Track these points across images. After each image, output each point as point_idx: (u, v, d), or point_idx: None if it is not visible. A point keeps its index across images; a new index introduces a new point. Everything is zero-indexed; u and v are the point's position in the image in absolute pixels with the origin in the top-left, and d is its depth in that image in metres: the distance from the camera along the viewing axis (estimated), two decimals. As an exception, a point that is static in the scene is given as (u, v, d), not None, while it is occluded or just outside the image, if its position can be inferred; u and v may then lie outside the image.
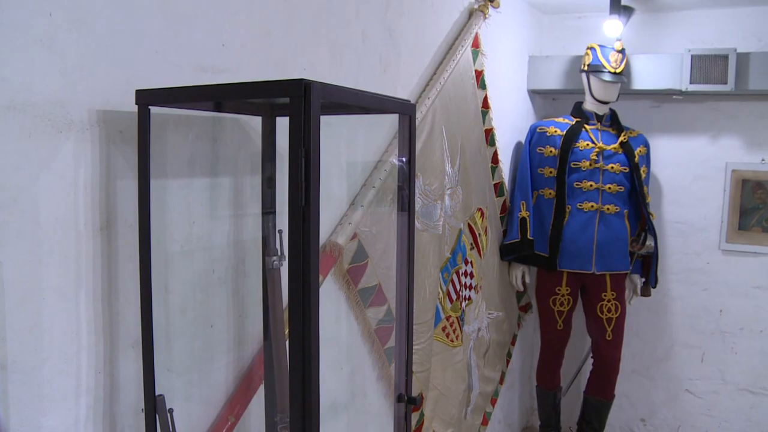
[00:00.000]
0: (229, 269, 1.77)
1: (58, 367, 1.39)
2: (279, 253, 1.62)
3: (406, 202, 1.64)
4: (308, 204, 1.10)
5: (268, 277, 1.60)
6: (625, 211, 3.59)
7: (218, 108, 1.63)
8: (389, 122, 2.38)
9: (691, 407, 4.04)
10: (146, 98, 1.36)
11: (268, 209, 1.68)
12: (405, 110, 1.59)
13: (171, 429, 1.41)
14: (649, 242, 3.64)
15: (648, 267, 3.74)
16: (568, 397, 4.05)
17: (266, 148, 1.68)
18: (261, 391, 1.79)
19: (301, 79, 1.13)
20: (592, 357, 3.80)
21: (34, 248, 1.32)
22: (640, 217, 3.67)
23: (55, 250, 1.36)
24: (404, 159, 1.64)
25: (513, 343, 3.87)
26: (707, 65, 3.52)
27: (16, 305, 1.29)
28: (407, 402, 1.50)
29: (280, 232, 1.63)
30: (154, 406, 1.39)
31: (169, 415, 1.40)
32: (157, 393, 1.42)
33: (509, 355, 3.83)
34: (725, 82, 3.48)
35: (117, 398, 1.52)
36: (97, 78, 1.39)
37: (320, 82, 1.17)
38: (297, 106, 1.12)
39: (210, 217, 1.71)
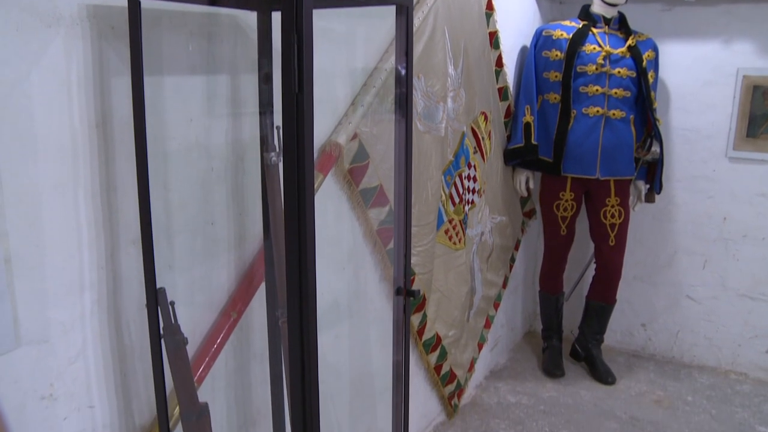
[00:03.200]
0: (228, 167, 1.77)
1: (61, 262, 1.41)
2: (277, 150, 1.61)
3: (404, 99, 1.61)
4: (302, 91, 1.08)
5: (267, 173, 1.60)
6: (631, 116, 3.55)
7: (212, 2, 1.59)
8: (390, 23, 2.32)
9: (691, 312, 4.09)
10: (136, -9, 1.33)
11: (266, 106, 1.66)
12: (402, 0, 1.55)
13: (173, 321, 1.43)
14: (655, 148, 3.61)
15: (653, 173, 3.72)
16: (570, 302, 4.11)
17: (262, 43, 1.65)
18: (262, 288, 1.82)
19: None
20: (594, 262, 3.84)
21: (29, 145, 1.32)
22: (646, 122, 3.63)
23: (51, 147, 1.36)
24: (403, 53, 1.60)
25: (516, 249, 3.90)
26: (721, -36, 3.41)
27: (14, 202, 1.30)
28: (406, 295, 1.51)
29: (278, 128, 1.62)
30: (155, 298, 1.41)
31: (170, 307, 1.43)
32: (158, 287, 1.44)
33: (512, 260, 3.86)
34: (740, -18, 3.38)
35: (120, 293, 1.55)
36: (84, -31, 1.36)
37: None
38: (289, -8, 1.09)
39: (207, 115, 1.70)
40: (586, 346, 3.97)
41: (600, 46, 3.48)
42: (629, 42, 3.52)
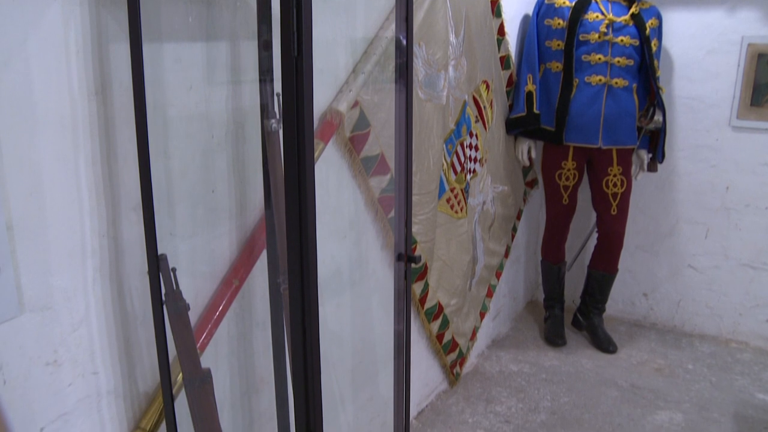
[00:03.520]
0: (229, 134, 1.76)
1: (62, 229, 1.41)
2: (278, 116, 1.60)
3: (404, 67, 1.60)
4: (301, 54, 1.08)
5: (268, 140, 1.59)
6: (634, 85, 3.53)
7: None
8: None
9: (693, 282, 4.10)
10: (133, -46, 1.32)
11: (266, 73, 1.65)
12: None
13: (174, 287, 1.44)
14: (658, 117, 3.59)
15: (655, 142, 3.71)
16: (572, 271, 4.12)
17: (261, 10, 1.64)
18: (264, 256, 1.82)
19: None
20: (596, 232, 3.84)
21: (29, 113, 1.31)
22: (649, 91, 3.60)
23: (50, 115, 1.35)
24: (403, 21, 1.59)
25: (518, 218, 3.90)
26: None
27: (14, 170, 1.30)
28: (407, 260, 1.51)
29: (278, 95, 1.61)
30: (156, 264, 1.41)
31: (172, 273, 1.43)
32: (159, 253, 1.45)
33: (515, 229, 3.87)
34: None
35: (123, 261, 1.55)
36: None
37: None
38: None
39: (207, 82, 1.69)
40: (588, 315, 3.98)
41: (603, 13, 3.45)
42: (632, 10, 3.48)
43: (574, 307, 4.18)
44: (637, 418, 3.16)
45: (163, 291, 1.45)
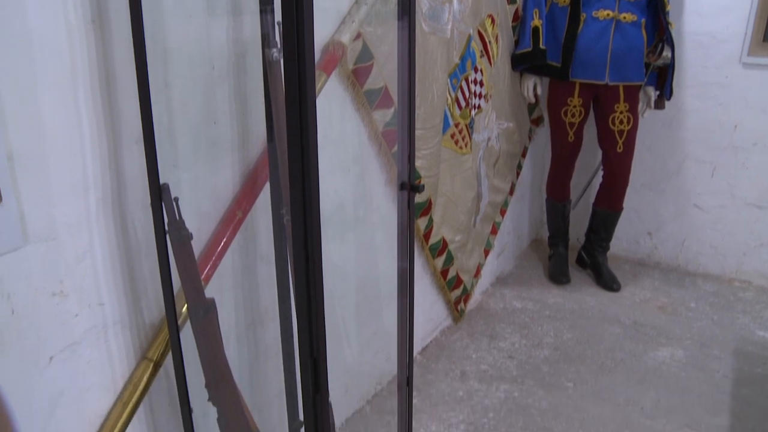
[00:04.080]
0: (230, 65, 1.74)
1: (64, 160, 1.40)
2: (279, 46, 1.58)
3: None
4: (300, -21, 1.05)
5: (269, 70, 1.57)
6: (643, 20, 3.45)
7: None
8: None
9: (698, 221, 4.09)
10: None
11: (266, 4, 1.62)
12: None
13: (177, 216, 1.44)
14: (666, 53, 3.52)
15: (663, 79, 3.64)
16: (577, 209, 4.11)
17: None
18: (267, 189, 1.82)
19: None
20: (602, 169, 3.81)
21: (24, 42, 1.29)
22: (658, 26, 3.52)
23: (47, 45, 1.33)
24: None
25: (524, 156, 3.88)
26: None
27: (12, 99, 1.28)
28: (410, 189, 1.51)
29: (279, 23, 1.58)
30: (159, 193, 1.41)
31: (174, 202, 1.43)
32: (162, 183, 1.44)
33: (519, 167, 3.85)
34: None
35: (125, 193, 1.55)
36: None
37: None
38: None
39: (206, 12, 1.66)
40: (592, 254, 4.00)
41: (612, -54, 3.37)
42: (642, -59, 3.39)
43: (578, 246, 4.19)
44: (639, 354, 3.19)
45: (166, 221, 1.45)
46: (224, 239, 1.76)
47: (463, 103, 2.93)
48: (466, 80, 2.93)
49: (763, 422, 2.68)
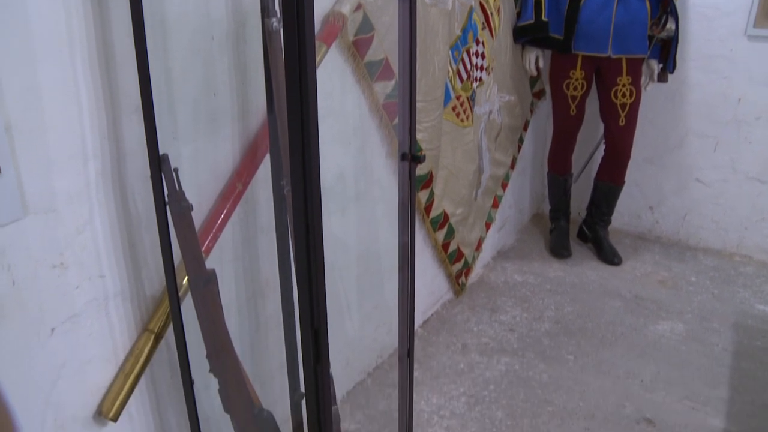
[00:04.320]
0: (229, 35, 1.72)
1: (62, 131, 1.39)
2: (279, 15, 1.56)
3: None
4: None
5: (269, 40, 1.55)
6: (647, -8, 3.42)
7: None
8: None
9: (699, 195, 4.08)
10: None
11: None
12: None
13: (177, 187, 1.43)
14: (670, 25, 3.48)
15: (667, 52, 3.61)
16: (578, 183, 4.10)
17: None
18: (267, 161, 1.81)
19: None
20: (604, 143, 3.80)
21: (20, 12, 1.27)
22: (662, -2, 3.50)
23: (43, 13, 1.31)
24: None
25: (525, 129, 3.86)
26: None
27: (9, 69, 1.26)
28: (411, 159, 1.50)
29: (279, -7, 1.56)
30: (158, 163, 1.40)
31: (174, 173, 1.42)
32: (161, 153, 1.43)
33: (521, 140, 3.83)
34: None
35: (125, 165, 1.54)
36: None
37: None
38: None
39: (206, -20, 1.64)
40: (594, 228, 4.00)
41: None
42: None
43: (579, 220, 4.19)
44: (640, 327, 3.20)
45: (166, 192, 1.44)
46: (224, 211, 1.75)
47: (464, 76, 2.91)
48: (468, 52, 2.90)
49: (762, 394, 2.69)
